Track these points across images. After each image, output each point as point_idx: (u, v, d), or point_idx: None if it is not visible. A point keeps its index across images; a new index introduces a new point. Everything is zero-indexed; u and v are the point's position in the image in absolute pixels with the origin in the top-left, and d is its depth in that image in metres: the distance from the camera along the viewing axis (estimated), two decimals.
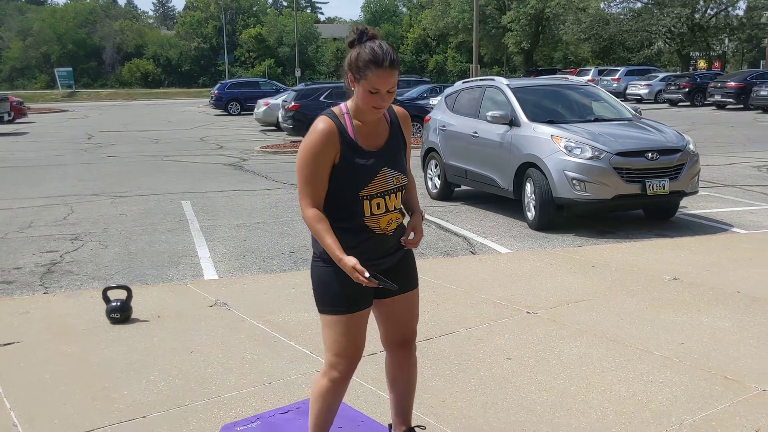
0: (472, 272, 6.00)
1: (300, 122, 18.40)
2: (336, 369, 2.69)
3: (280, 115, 20.42)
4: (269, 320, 4.85)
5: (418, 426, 3.06)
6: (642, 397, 3.60)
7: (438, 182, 9.86)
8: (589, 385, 3.75)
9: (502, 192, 8.43)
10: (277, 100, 23.16)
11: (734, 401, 3.53)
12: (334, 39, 76.39)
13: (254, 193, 10.70)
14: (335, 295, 2.63)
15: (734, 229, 7.69)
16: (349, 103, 2.63)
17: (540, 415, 3.41)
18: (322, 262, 2.67)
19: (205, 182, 11.90)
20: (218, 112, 34.09)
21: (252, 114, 26.38)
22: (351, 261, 2.52)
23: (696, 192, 8.03)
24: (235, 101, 33.15)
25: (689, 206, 8.90)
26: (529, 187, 7.82)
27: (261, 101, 24.60)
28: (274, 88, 33.42)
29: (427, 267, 6.20)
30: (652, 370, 3.91)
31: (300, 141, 15.56)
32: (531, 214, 7.83)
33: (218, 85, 35.77)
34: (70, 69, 62.62)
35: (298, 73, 50.68)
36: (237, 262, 6.67)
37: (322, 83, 28.00)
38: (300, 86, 22.44)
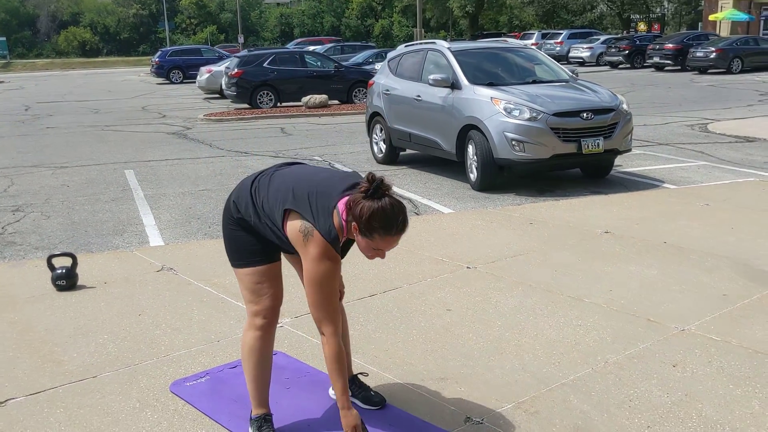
0: (416, 232, 6.16)
1: (244, 89, 18.25)
2: (261, 315, 2.83)
3: (223, 83, 20.16)
4: (216, 283, 4.93)
5: (360, 373, 3.23)
6: (571, 339, 3.84)
7: (383, 146, 9.98)
8: (523, 331, 3.97)
9: (445, 154, 8.60)
10: (220, 67, 22.82)
11: (655, 340, 3.80)
12: (278, 4, 75.02)
13: (198, 161, 10.64)
14: (251, 249, 2.78)
15: (665, 185, 8.03)
16: (344, 216, 2.57)
17: (476, 360, 3.62)
18: (236, 226, 2.80)
19: (148, 151, 11.76)
20: (160, 80, 33.36)
21: (195, 82, 25.95)
22: (355, 419, 2.65)
23: (629, 150, 8.34)
24: (177, 69, 32.49)
25: (624, 164, 9.23)
26: (471, 149, 8.00)
27: (204, 68, 24.19)
28: (217, 55, 32.85)
29: None
30: (582, 316, 4.16)
31: (245, 108, 15.47)
32: (473, 176, 8.03)
33: (159, 52, 34.93)
34: (3, 39, 60.24)
35: (241, 40, 49.79)
36: (182, 228, 6.70)
37: (265, 49, 27.67)
38: (243, 52, 22.15)
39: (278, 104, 18.56)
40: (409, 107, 9.18)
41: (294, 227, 2.61)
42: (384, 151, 9.99)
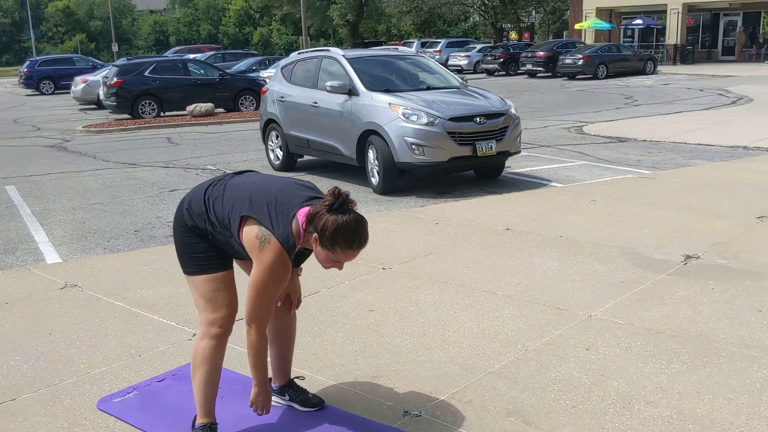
0: None
1: (124, 99, 17.60)
2: (216, 324, 2.81)
3: (101, 93, 19.34)
4: (127, 297, 4.78)
5: (297, 377, 3.26)
6: (491, 330, 4.03)
7: (280, 153, 9.95)
8: (445, 325, 4.12)
9: (345, 160, 8.70)
10: (97, 76, 21.88)
11: (567, 327, 4.06)
12: (151, 11, 72.65)
13: (84, 174, 10.19)
14: (206, 257, 2.78)
15: (553, 184, 8.51)
16: (303, 226, 2.60)
17: (405, 356, 3.73)
18: (190, 234, 2.79)
19: (28, 165, 11.13)
20: (29, 91, 31.51)
21: (68, 93, 24.72)
22: (265, 398, 2.81)
23: (519, 152, 8.77)
24: (48, 79, 30.82)
25: (513, 166, 9.69)
26: (371, 154, 8.15)
27: (78, 78, 23.09)
28: (90, 64, 31.41)
29: None
30: (497, 308, 4.37)
31: (126, 118, 14.93)
32: (375, 180, 8.18)
33: (28, 62, 32.93)
34: None
35: (115, 48, 47.88)
36: (79, 244, 6.42)
37: (145, 57, 26.77)
38: (121, 61, 21.35)
39: (161, 114, 18.02)
40: (306, 114, 9.22)
41: (250, 233, 2.62)
42: (281, 158, 9.96)
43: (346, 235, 2.53)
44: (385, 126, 7.89)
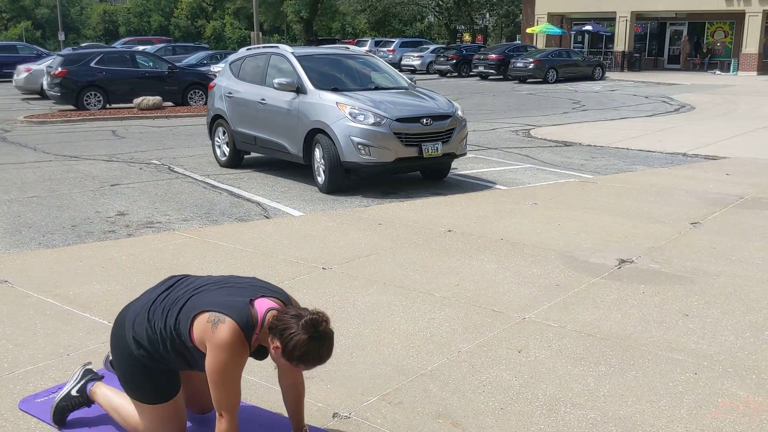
0: (268, 235, 6.18)
1: (69, 90, 17.16)
2: None
3: (45, 82, 18.81)
4: (59, 294, 4.66)
5: None
6: (426, 332, 4.06)
7: (227, 149, 9.83)
8: (381, 327, 4.14)
9: (292, 158, 8.65)
10: (41, 65, 21.26)
11: (501, 329, 4.11)
12: (101, 1, 71.01)
13: (23, 166, 9.90)
14: (152, 387, 2.75)
15: (497, 186, 8.61)
16: (261, 319, 2.56)
17: (339, 357, 3.72)
18: (136, 363, 2.73)
19: None
20: None
21: (10, 81, 23.96)
22: None
23: (465, 154, 8.85)
24: None
25: (459, 167, 9.77)
26: (318, 153, 8.12)
27: (21, 67, 22.38)
28: (35, 53, 30.46)
29: (222, 233, 6.28)
30: (434, 309, 4.41)
31: (70, 109, 14.58)
32: (321, 179, 8.15)
33: None
34: None
35: (61, 37, 46.63)
36: (12, 238, 6.23)
37: (92, 48, 26.15)
38: (67, 50, 20.82)
39: (107, 106, 17.62)
40: (253, 110, 9.14)
41: (201, 321, 2.56)
42: (228, 154, 9.85)
43: (314, 359, 2.50)
44: (331, 125, 7.87)
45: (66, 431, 3.00)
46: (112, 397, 2.99)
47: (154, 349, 2.68)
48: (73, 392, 3.03)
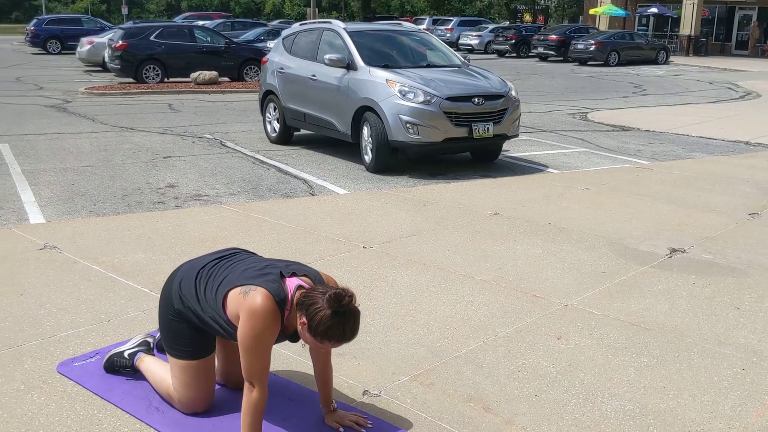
0: (311, 212, 6.17)
1: (128, 62, 17.49)
2: (185, 407, 2.88)
3: (106, 55, 19.23)
4: (104, 262, 4.75)
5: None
6: (463, 315, 3.99)
7: (277, 126, 9.87)
8: (418, 307, 4.08)
9: (340, 135, 8.62)
10: (103, 38, 21.73)
11: (541, 315, 4.01)
12: None
13: (80, 136, 10.13)
14: (187, 342, 2.80)
15: (549, 170, 8.42)
16: (291, 294, 2.57)
17: (374, 335, 3.69)
18: (176, 317, 2.80)
19: (24, 124, 11.07)
20: (36, 50, 31.36)
21: (74, 53, 24.60)
22: None
23: (516, 135, 8.67)
24: (55, 39, 30.62)
25: (511, 149, 9.59)
26: (366, 131, 8.07)
27: (84, 39, 22.93)
28: (98, 26, 31.21)
29: (267, 208, 6.31)
30: (473, 293, 4.33)
31: (130, 82, 14.83)
32: (368, 157, 8.10)
33: (35, 21, 32.71)
34: None
35: (125, 11, 47.54)
36: (65, 206, 6.38)
37: (152, 22, 26.59)
38: (128, 24, 21.20)
39: (165, 79, 17.91)
40: (303, 86, 9.12)
41: (234, 295, 2.60)
42: (278, 130, 9.88)
43: (338, 335, 2.48)
44: (380, 102, 7.80)
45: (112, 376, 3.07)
46: (152, 365, 3.06)
47: (195, 310, 2.74)
48: (126, 354, 3.18)
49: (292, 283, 2.60)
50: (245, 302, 2.53)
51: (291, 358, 3.42)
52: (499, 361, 3.43)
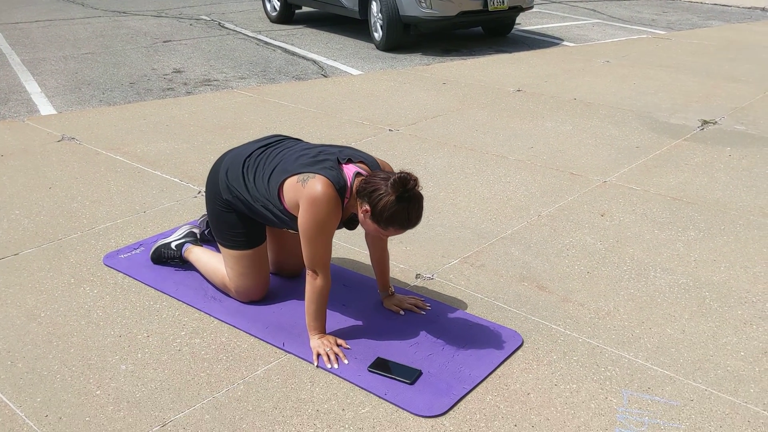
0: (328, 95, 6.00)
1: None
2: (242, 294, 2.85)
3: None
4: (127, 152, 4.63)
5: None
6: (503, 196, 3.93)
7: (277, 4, 9.44)
8: (456, 190, 4.02)
9: (347, 12, 8.26)
10: None
11: (581, 193, 3.96)
12: None
13: (73, 22, 9.70)
14: (238, 232, 2.74)
15: (565, 43, 8.16)
16: (350, 183, 2.46)
17: None
18: (225, 208, 2.73)
19: (12, 12, 10.57)
20: None
21: None
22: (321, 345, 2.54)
23: (531, 7, 8.33)
24: None
25: (523, 23, 9.26)
26: (375, 6, 7.72)
27: None
28: None
29: (281, 92, 6.12)
30: (509, 173, 4.26)
31: None
32: (378, 35, 7.80)
33: None
34: None
35: None
36: (73, 95, 6.17)
37: None
38: None
39: None
40: None
41: (291, 183, 2.48)
42: (278, 9, 9.47)
43: (402, 221, 2.37)
44: None
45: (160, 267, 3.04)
46: (202, 255, 3.01)
47: (245, 199, 2.66)
48: (173, 245, 3.14)
49: (349, 170, 2.50)
50: (305, 191, 2.44)
51: (340, 246, 3.39)
52: (546, 241, 3.41)
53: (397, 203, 2.36)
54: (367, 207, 2.40)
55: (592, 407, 2.24)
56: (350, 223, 2.63)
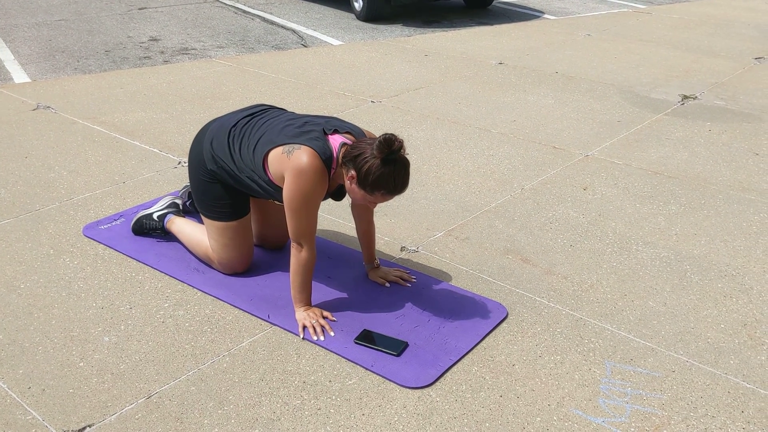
0: (309, 65, 5.93)
1: None
2: (226, 267, 2.84)
3: None
4: (104, 121, 4.55)
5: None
6: (486, 169, 3.93)
7: None
8: (440, 163, 4.01)
9: None
10: None
11: (564, 166, 3.97)
12: None
13: None
14: (222, 204, 2.72)
15: (546, 16, 8.13)
16: (336, 152, 2.41)
17: None
18: (209, 178, 2.69)
19: None
20: None
21: None
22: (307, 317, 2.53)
23: None
24: None
25: None
26: None
27: None
28: None
29: (260, 62, 6.04)
30: (492, 146, 4.25)
31: None
32: (358, 5, 7.71)
33: None
34: None
35: None
36: (48, 63, 6.03)
37: None
38: None
39: None
40: None
41: (276, 154, 2.44)
42: None
43: (389, 184, 2.32)
44: None
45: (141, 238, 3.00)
46: (184, 226, 2.97)
47: (230, 170, 2.62)
48: (155, 216, 3.10)
49: (335, 140, 2.47)
50: (290, 162, 2.40)
51: (325, 218, 3.37)
52: (530, 214, 3.42)
53: (383, 166, 2.31)
54: (353, 172, 2.36)
55: (576, 378, 2.27)
56: (337, 194, 2.61)
